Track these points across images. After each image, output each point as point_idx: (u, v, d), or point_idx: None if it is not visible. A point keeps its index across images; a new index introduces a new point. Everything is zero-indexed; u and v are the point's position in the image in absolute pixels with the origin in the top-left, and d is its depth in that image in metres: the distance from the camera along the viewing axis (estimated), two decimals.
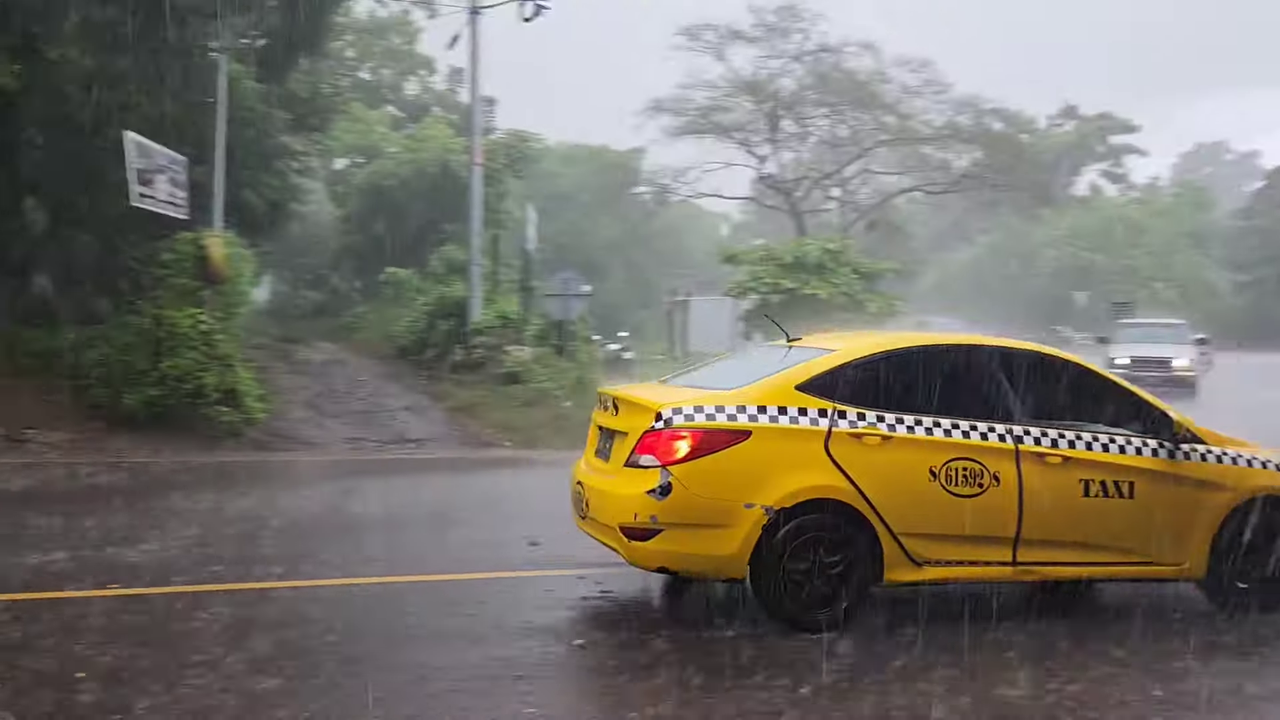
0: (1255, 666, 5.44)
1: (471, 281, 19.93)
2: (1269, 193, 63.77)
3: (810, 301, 23.83)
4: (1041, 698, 4.73)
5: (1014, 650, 5.32)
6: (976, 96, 38.82)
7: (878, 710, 4.56)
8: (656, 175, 43.63)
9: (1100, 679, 5.01)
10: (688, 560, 5.64)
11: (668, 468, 5.48)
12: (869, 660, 5.19)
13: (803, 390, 5.74)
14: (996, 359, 6.21)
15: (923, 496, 5.68)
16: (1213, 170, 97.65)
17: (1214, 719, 4.73)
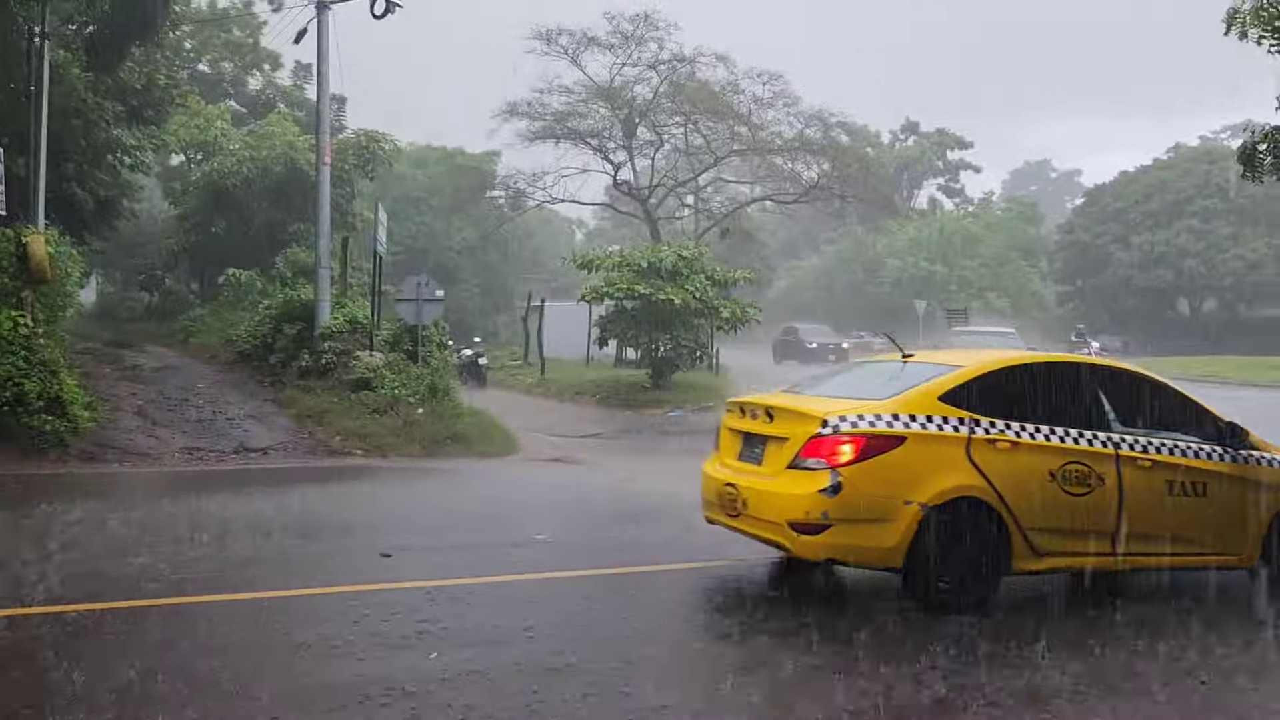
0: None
1: (319, 284, 19.24)
2: (1088, 209, 68.37)
3: (665, 307, 24.12)
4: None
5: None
6: (824, 110, 40.16)
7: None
8: (511, 179, 43.33)
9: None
10: (853, 552, 6.34)
11: (836, 469, 6.18)
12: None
13: (944, 401, 6.55)
14: (1094, 375, 7.28)
15: (1044, 495, 6.49)
16: (1038, 187, 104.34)
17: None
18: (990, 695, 4.99)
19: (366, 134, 28.29)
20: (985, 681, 5.18)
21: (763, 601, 6.94)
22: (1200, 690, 5.32)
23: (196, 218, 27.91)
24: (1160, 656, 5.73)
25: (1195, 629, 6.23)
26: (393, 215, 30.00)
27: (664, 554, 8.48)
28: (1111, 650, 5.78)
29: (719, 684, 5.07)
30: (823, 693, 5.02)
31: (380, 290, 19.74)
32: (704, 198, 46.24)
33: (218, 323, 24.32)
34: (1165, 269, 59.19)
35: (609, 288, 24.77)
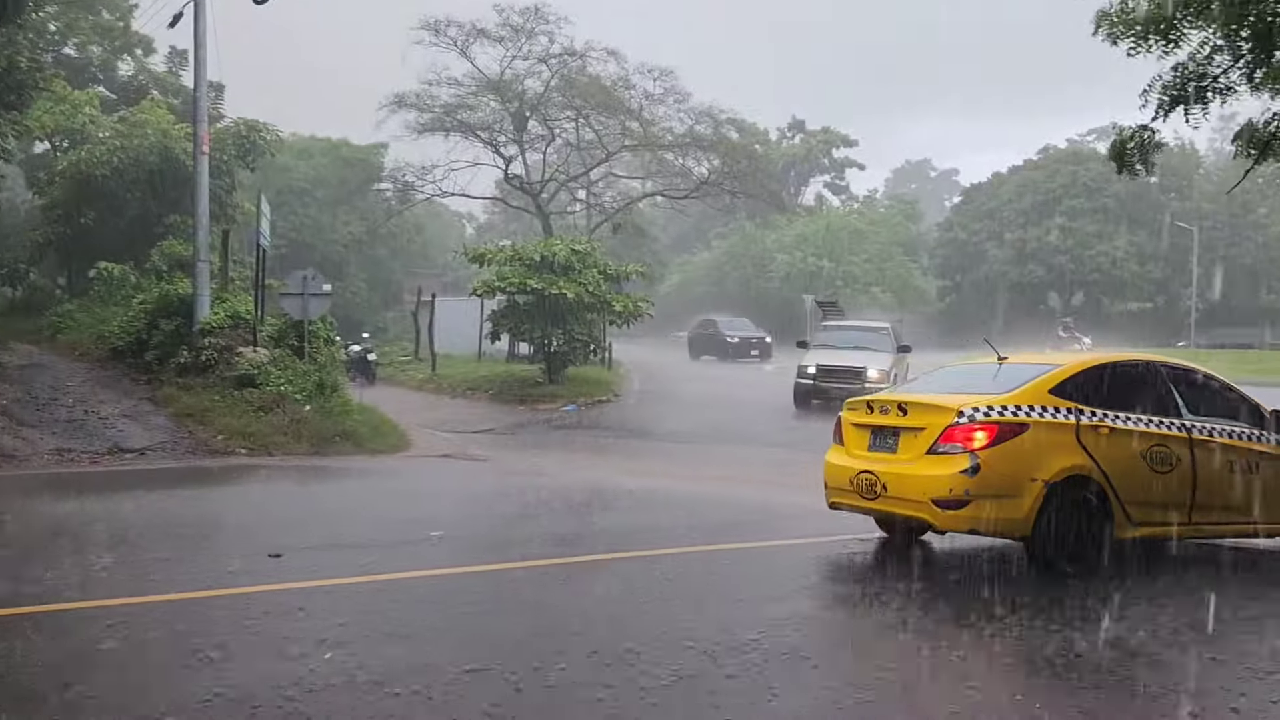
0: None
1: (198, 278, 18.53)
2: (965, 207, 71.02)
3: (558, 302, 24.06)
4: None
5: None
6: (714, 107, 40.64)
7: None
8: (400, 172, 42.58)
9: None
10: (989, 523, 7.28)
11: (974, 452, 7.19)
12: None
13: (1053, 394, 7.59)
14: (1167, 371, 8.34)
15: (1137, 473, 7.60)
16: (918, 185, 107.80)
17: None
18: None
19: (247, 123, 27.33)
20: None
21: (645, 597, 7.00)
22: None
23: (63, 208, 26.51)
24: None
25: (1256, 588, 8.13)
26: (276, 208, 29.12)
27: (564, 548, 8.48)
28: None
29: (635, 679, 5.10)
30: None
31: (264, 284, 19.15)
32: (596, 192, 46.28)
33: (88, 319, 23.17)
34: (1037, 265, 61.94)
35: (501, 282, 24.57)
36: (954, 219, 71.52)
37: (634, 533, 9.17)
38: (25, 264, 28.76)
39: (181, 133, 24.86)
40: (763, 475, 13.86)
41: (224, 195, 25.56)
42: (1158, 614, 6.62)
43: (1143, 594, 7.16)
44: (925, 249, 72.83)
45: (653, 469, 14.85)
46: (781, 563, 8.33)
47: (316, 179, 44.77)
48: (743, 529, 9.63)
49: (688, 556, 8.24)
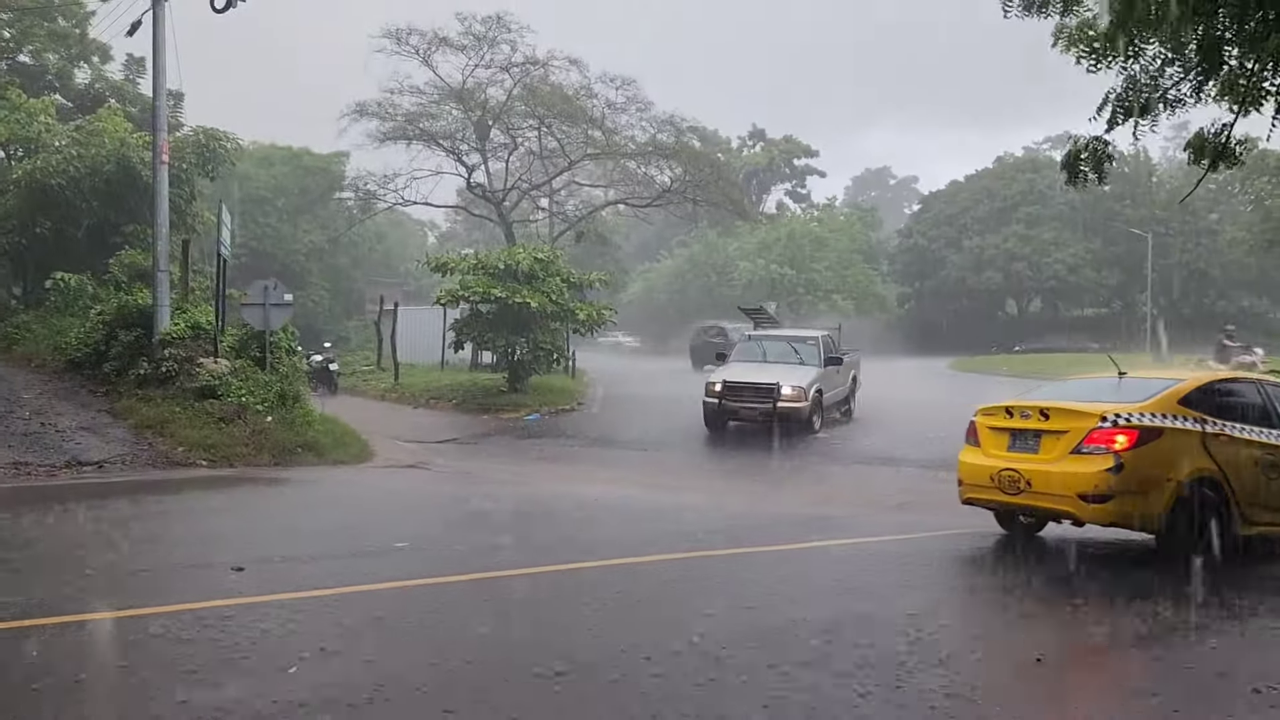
0: None
1: (158, 289, 18.32)
2: (924, 215, 71.90)
3: (521, 310, 24.05)
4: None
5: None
6: (676, 115, 40.80)
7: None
8: (361, 180, 42.29)
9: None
10: (1130, 518, 8.18)
11: (1118, 453, 8.05)
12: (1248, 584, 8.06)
13: (1181, 404, 8.50)
14: (1268, 388, 9.39)
15: (1251, 477, 8.53)
16: (878, 193, 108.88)
17: None
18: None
19: (206, 131, 27.03)
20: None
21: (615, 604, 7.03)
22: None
23: (18, 218, 26.02)
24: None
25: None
26: (237, 217, 28.84)
27: (531, 557, 8.50)
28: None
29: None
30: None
31: (225, 294, 18.95)
32: (559, 201, 46.26)
33: (44, 330, 22.78)
34: (995, 271, 62.80)
35: (464, 291, 24.52)
36: (913, 226, 72.36)
37: (583, 548, 9.21)
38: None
39: (140, 141, 24.56)
40: (727, 485, 13.96)
41: (184, 204, 25.25)
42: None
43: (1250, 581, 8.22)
44: (885, 256, 73.58)
45: (623, 477, 14.90)
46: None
47: (277, 188, 44.36)
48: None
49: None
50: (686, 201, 41.40)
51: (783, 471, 15.90)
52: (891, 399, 23.43)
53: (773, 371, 18.65)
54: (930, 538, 9.88)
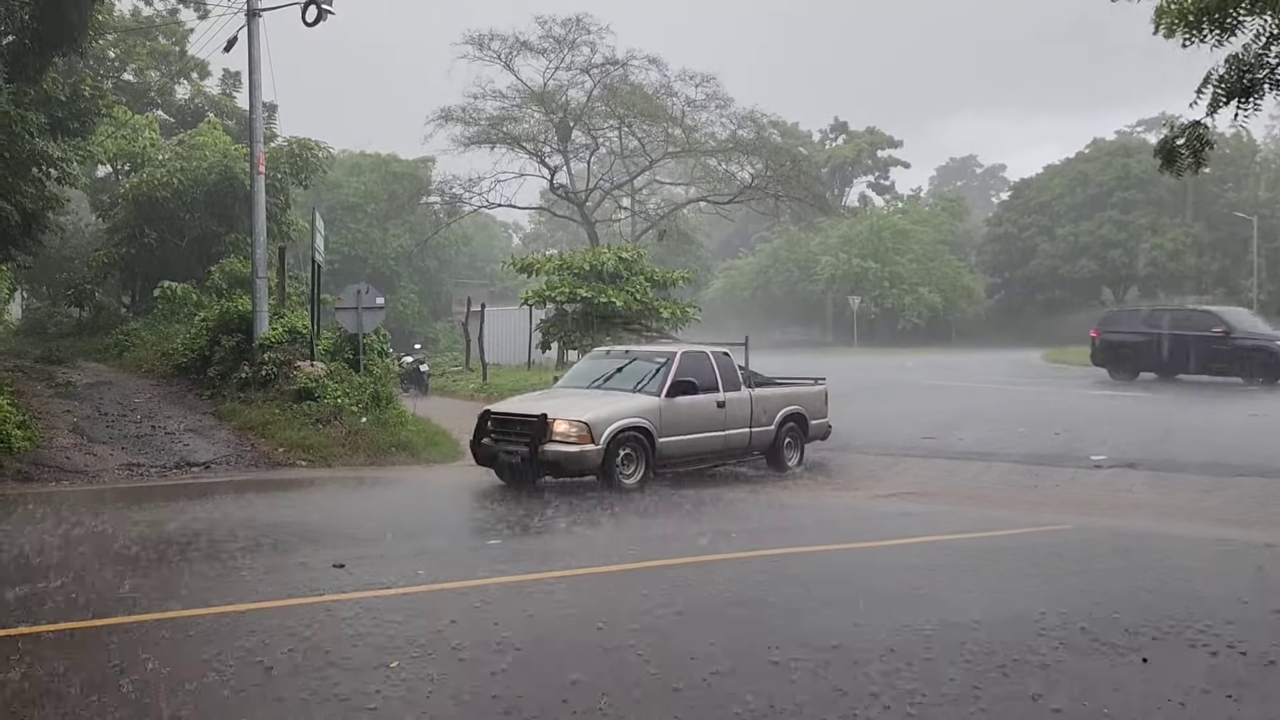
0: None
1: (257, 295, 19.03)
2: (1014, 202, 70.05)
3: (606, 310, 24.26)
4: None
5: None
6: (756, 111, 40.66)
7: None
8: (447, 185, 43.13)
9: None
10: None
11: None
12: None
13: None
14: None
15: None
16: (964, 183, 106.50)
17: None
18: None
19: (299, 142, 27.93)
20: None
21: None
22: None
23: (126, 230, 27.31)
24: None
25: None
26: (328, 223, 29.67)
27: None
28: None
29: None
30: None
31: (319, 299, 19.57)
32: (640, 200, 46.50)
33: (152, 336, 23.85)
34: (1089, 259, 60.89)
35: (550, 291, 24.85)
36: (1002, 215, 70.56)
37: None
38: (91, 284, 29.64)
39: (238, 153, 25.51)
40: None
41: (279, 213, 26.15)
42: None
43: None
44: (973, 246, 71.98)
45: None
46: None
47: (367, 194, 45.51)
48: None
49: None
50: (768, 197, 41.19)
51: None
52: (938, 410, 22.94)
53: (564, 401, 12.96)
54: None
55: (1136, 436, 16.05)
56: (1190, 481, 12.29)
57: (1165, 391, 23.80)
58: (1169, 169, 8.57)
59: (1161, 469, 13.15)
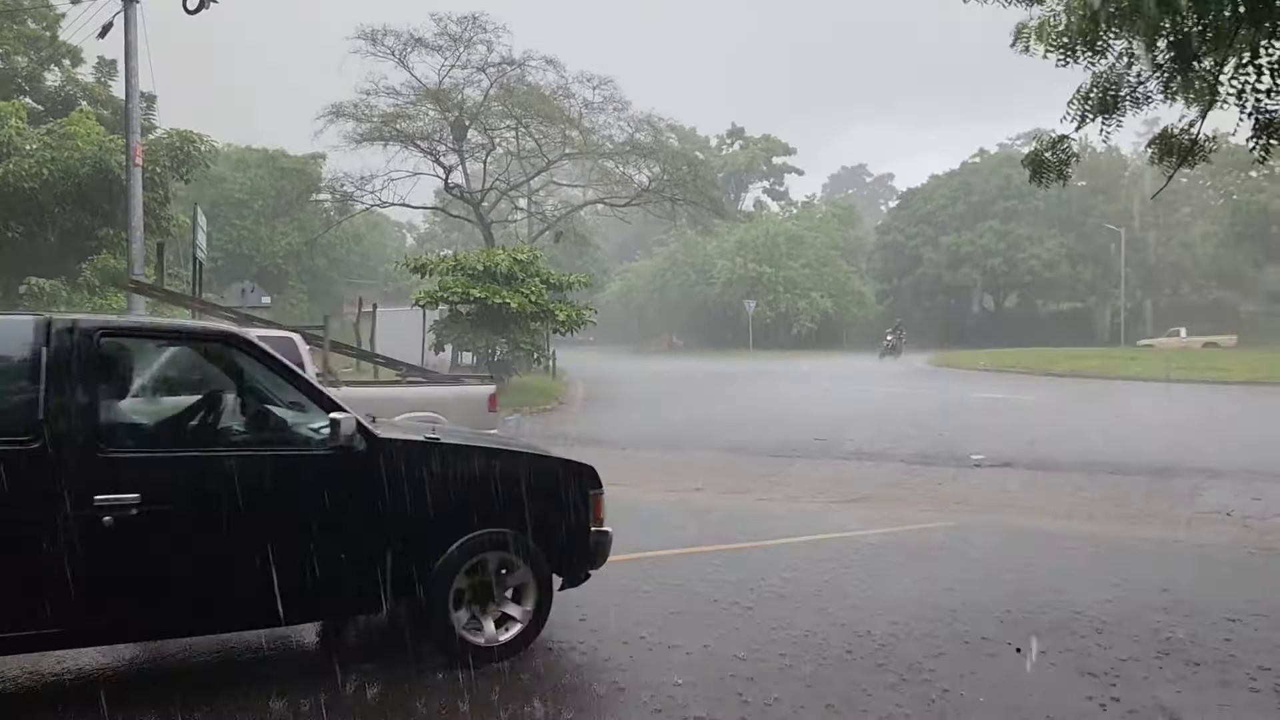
0: None
1: (133, 294, 18.26)
2: (901, 211, 72.24)
3: (501, 311, 24.07)
4: None
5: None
6: (653, 114, 40.87)
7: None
8: (338, 182, 42.11)
9: None
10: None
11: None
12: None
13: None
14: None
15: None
16: (855, 190, 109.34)
17: None
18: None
19: (180, 134, 26.88)
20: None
21: None
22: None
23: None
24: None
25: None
26: (212, 219, 28.70)
27: None
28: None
29: None
30: None
31: (202, 298, 18.89)
32: (537, 201, 46.30)
33: None
34: (971, 267, 63.20)
35: (443, 292, 24.54)
36: (891, 223, 72.71)
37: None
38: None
39: (113, 144, 24.41)
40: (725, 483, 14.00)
41: (158, 208, 25.12)
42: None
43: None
44: (863, 253, 73.95)
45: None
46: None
47: (253, 190, 44.18)
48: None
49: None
50: (665, 200, 41.46)
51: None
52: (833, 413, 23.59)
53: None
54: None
55: (1014, 436, 16.72)
56: (1063, 479, 12.82)
57: (1037, 391, 24.87)
58: (1037, 179, 8.92)
59: (1036, 467, 13.72)
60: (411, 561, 5.00)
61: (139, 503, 4.38)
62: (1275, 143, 8.06)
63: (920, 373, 36.07)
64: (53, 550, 4.22)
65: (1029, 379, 31.86)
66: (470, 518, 5.18)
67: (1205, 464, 13.59)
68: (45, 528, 4.23)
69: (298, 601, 4.73)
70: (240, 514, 4.59)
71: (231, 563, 4.63)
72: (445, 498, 5.09)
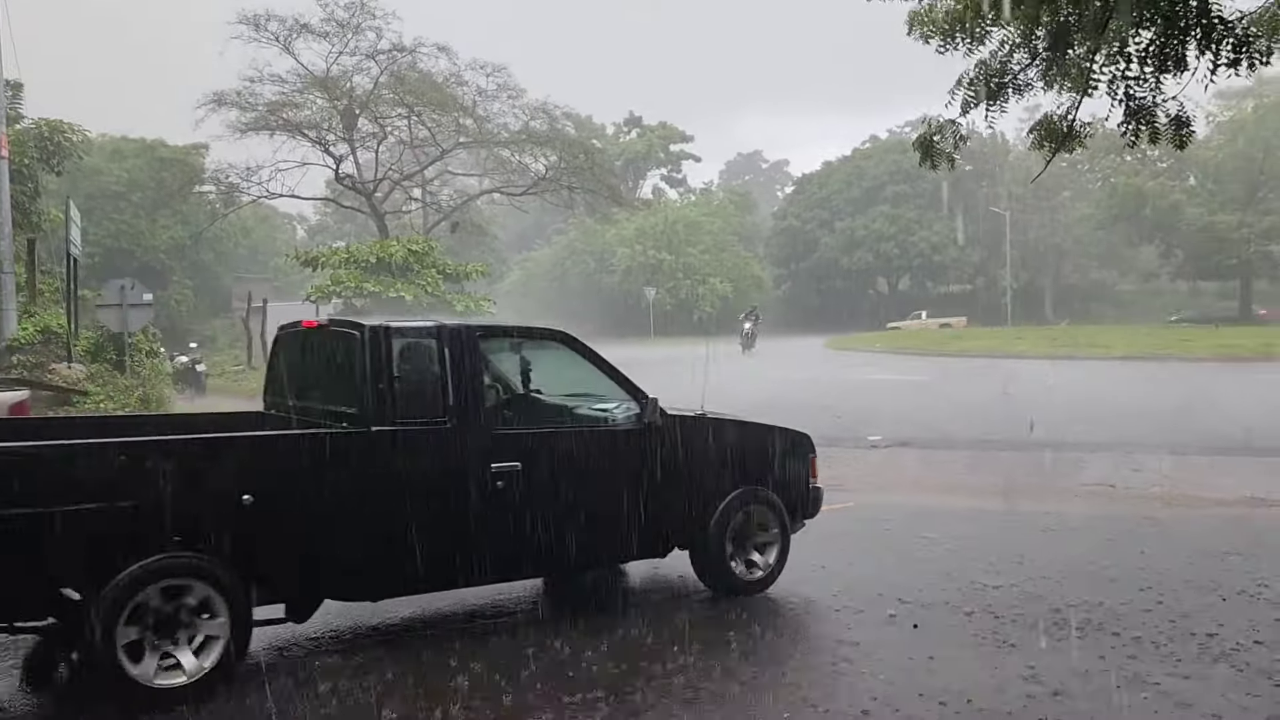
0: None
1: (2, 292, 17.29)
2: (797, 197, 73.44)
3: (396, 304, 23.61)
4: None
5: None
6: (549, 103, 40.50)
7: None
8: (223, 173, 40.57)
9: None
10: None
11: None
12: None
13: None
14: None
15: None
16: (751, 177, 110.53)
17: None
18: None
19: (49, 124, 25.55)
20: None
21: None
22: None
23: None
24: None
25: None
26: (87, 213, 27.41)
27: None
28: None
29: None
30: None
31: (77, 296, 18.03)
32: (432, 191, 45.47)
33: None
34: (865, 251, 64.67)
35: (336, 286, 23.95)
36: (787, 209, 73.86)
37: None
38: None
39: None
40: None
41: (27, 202, 23.85)
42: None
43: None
44: (761, 239, 74.92)
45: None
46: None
47: (131, 182, 42.34)
48: None
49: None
50: (562, 189, 41.20)
51: None
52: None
53: None
54: None
55: (910, 416, 17.14)
56: (957, 457, 13.20)
57: (931, 372, 25.57)
58: (926, 163, 9.12)
59: (932, 446, 14.08)
60: (697, 511, 6.29)
61: (519, 469, 5.57)
62: (1145, 127, 8.39)
63: (817, 356, 36.74)
64: (460, 506, 5.43)
65: (923, 359, 32.77)
66: (737, 476, 6.46)
67: (1088, 439, 14.15)
68: (456, 487, 5.43)
69: (622, 544, 6.13)
70: (585, 476, 5.89)
71: (581, 515, 5.82)
72: (720, 460, 6.40)
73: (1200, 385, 21.71)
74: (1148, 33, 7.94)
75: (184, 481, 4.65)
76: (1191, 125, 8.38)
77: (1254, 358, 29.32)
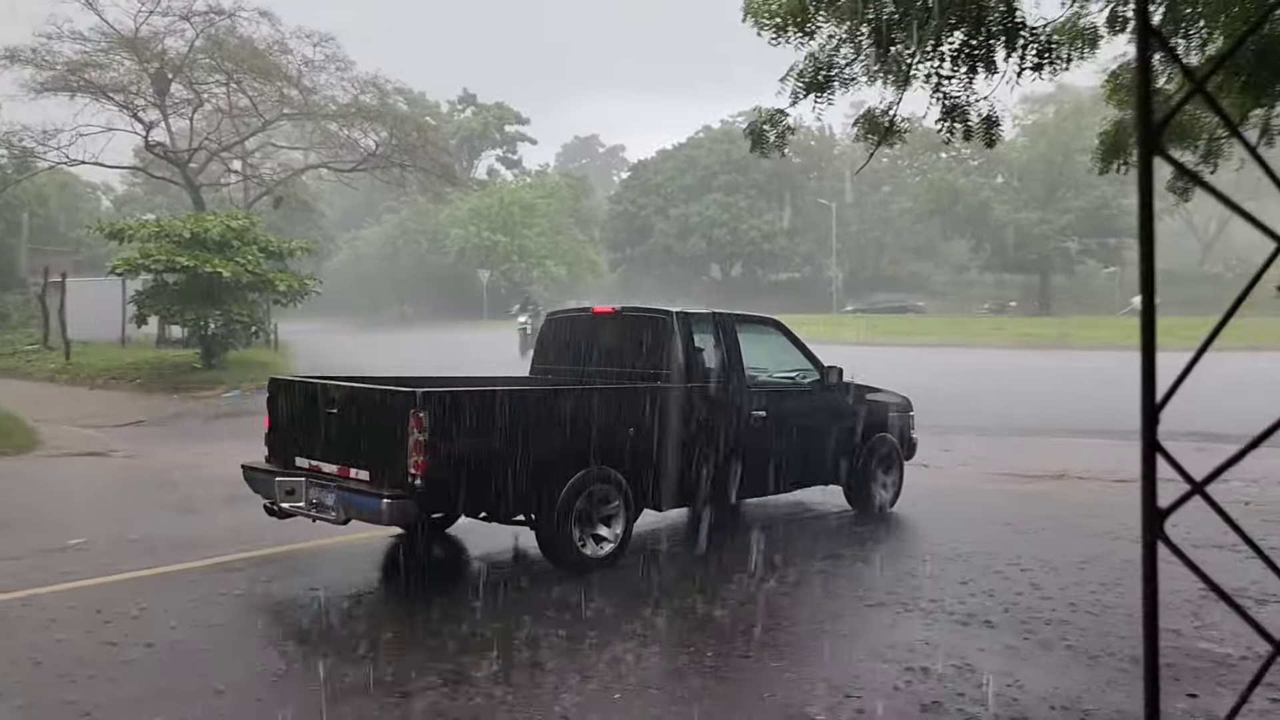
0: None
1: None
2: (632, 183, 73.99)
3: (213, 281, 22.38)
4: None
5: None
6: (380, 77, 39.19)
7: None
8: (14, 136, 37.37)
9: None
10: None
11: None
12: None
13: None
14: None
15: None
16: (588, 161, 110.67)
17: None
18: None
19: None
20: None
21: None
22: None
23: None
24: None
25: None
26: None
27: (228, 546, 7.93)
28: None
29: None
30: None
31: None
32: (253, 164, 43.25)
33: None
34: (699, 238, 65.85)
35: (145, 260, 22.45)
36: (623, 194, 74.32)
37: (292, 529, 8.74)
38: None
39: None
40: None
41: None
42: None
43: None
44: (597, 223, 75.11)
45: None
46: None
47: None
48: None
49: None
50: (393, 166, 39.96)
51: None
52: None
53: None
54: None
55: None
56: None
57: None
58: (757, 150, 9.35)
59: None
60: (854, 449, 8.79)
61: (765, 417, 7.90)
62: (959, 125, 8.82)
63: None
64: (733, 442, 7.62)
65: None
66: (876, 425, 9.05)
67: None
68: (730, 428, 7.65)
69: (819, 472, 8.67)
70: (801, 421, 8.27)
71: (799, 449, 8.29)
72: (868, 414, 8.93)
73: (1005, 371, 23.16)
74: (960, 33, 8.35)
75: (606, 418, 6.91)
76: (1000, 125, 8.89)
77: (1051, 345, 31.73)
